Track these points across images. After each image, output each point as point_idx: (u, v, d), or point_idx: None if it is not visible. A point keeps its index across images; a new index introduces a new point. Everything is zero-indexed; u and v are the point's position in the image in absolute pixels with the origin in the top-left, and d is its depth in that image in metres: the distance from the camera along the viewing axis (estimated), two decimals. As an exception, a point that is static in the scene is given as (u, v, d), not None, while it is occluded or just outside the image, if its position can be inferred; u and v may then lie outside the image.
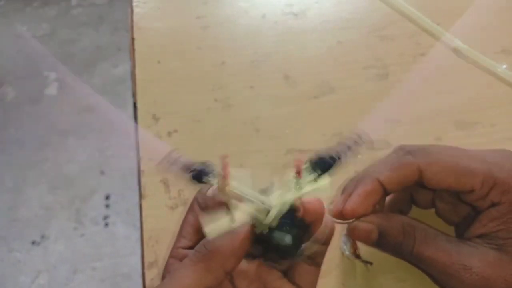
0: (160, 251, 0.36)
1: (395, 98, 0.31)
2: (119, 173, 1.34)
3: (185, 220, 0.29)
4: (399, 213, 0.32)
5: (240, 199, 0.26)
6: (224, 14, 0.48)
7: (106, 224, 1.27)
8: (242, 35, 0.47)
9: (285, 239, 0.25)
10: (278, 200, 0.26)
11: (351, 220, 0.28)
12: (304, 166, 0.27)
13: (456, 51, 0.45)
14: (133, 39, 0.46)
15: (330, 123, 0.41)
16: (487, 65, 0.44)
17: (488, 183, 0.27)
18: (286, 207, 0.26)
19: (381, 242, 0.28)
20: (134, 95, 0.43)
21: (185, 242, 0.28)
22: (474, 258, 0.26)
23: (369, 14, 0.48)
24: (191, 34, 0.47)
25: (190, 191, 0.38)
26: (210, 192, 0.27)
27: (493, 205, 0.27)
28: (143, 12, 0.48)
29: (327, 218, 0.27)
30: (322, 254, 0.29)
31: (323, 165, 0.27)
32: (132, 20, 0.47)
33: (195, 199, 0.29)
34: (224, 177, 0.25)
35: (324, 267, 0.29)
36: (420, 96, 0.43)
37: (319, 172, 0.27)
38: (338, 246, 0.35)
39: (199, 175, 0.27)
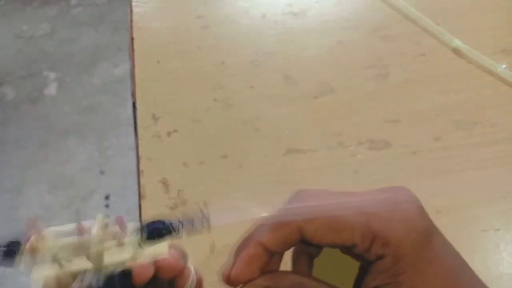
0: (159, 251, 0.36)
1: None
2: (119, 173, 1.34)
3: None
4: (309, 257, 0.31)
5: (54, 263, 0.25)
6: (224, 13, 0.48)
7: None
8: (242, 35, 0.47)
9: None
10: (106, 259, 0.25)
11: (240, 286, 0.27)
12: (133, 228, 0.26)
13: (456, 51, 0.45)
14: (132, 38, 0.46)
15: (330, 123, 0.41)
16: (487, 65, 0.43)
17: (368, 237, 0.25)
18: (105, 271, 0.25)
19: None
20: (133, 95, 0.43)
21: None
22: None
23: (369, 14, 0.48)
24: (191, 34, 0.47)
25: (189, 191, 0.38)
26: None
27: (379, 258, 0.26)
28: (142, 12, 0.48)
29: (190, 270, 0.27)
30: None
31: (151, 232, 0.26)
32: (131, 20, 0.47)
33: None
34: (31, 247, 0.24)
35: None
36: (420, 96, 0.43)
37: (146, 237, 0.26)
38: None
39: (9, 255, 0.24)
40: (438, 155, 0.39)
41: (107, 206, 1.30)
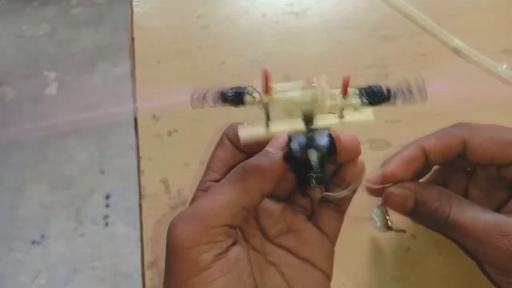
0: (160, 251, 0.36)
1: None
2: (119, 173, 1.34)
3: (214, 154, 0.29)
4: (462, 176, 0.32)
5: (284, 117, 0.26)
6: (224, 13, 0.48)
7: (106, 224, 1.28)
8: (242, 35, 0.47)
9: (315, 156, 0.25)
10: (317, 122, 0.25)
11: (388, 185, 0.28)
12: (352, 90, 0.26)
13: (456, 51, 0.45)
14: (133, 38, 0.46)
15: (330, 123, 0.41)
16: (487, 65, 0.43)
17: None
18: (323, 130, 0.25)
19: (416, 210, 0.28)
20: (134, 95, 0.43)
21: (214, 176, 0.28)
22: None
23: (369, 14, 0.48)
24: (191, 34, 0.47)
25: (190, 190, 0.38)
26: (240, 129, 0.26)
27: None
28: (143, 12, 0.48)
29: (360, 162, 0.27)
30: (347, 201, 0.29)
31: (372, 95, 0.26)
32: (132, 20, 0.47)
33: (225, 134, 0.29)
34: (266, 88, 0.24)
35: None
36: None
37: (366, 100, 0.25)
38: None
39: (238, 97, 0.25)
40: (438, 155, 0.39)
41: (107, 205, 1.30)
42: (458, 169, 0.30)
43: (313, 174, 0.26)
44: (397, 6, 0.47)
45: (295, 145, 0.25)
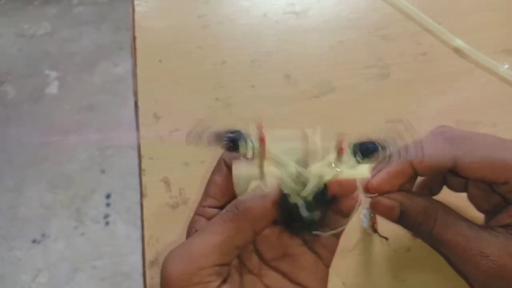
0: (161, 250, 0.36)
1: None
2: (120, 172, 1.34)
3: (211, 180, 0.30)
4: (429, 193, 0.32)
5: (277, 165, 0.26)
6: (225, 13, 0.48)
7: (107, 223, 1.28)
8: (243, 34, 0.47)
9: (314, 214, 0.25)
10: (316, 175, 0.26)
11: (375, 195, 0.29)
12: (346, 147, 0.26)
13: (457, 50, 0.45)
14: (134, 38, 0.46)
15: (331, 122, 0.41)
16: (488, 64, 0.43)
17: None
18: (322, 184, 0.26)
19: (402, 220, 0.28)
20: (135, 94, 0.43)
21: (211, 201, 0.29)
22: (494, 247, 0.26)
23: (370, 14, 0.48)
24: (192, 33, 0.47)
25: (191, 190, 0.38)
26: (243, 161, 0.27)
27: None
28: (144, 11, 0.48)
29: (355, 195, 0.28)
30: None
31: (365, 151, 0.26)
32: (133, 19, 0.47)
33: (222, 159, 0.29)
34: (261, 142, 0.25)
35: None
36: (421, 95, 0.43)
37: (360, 158, 0.26)
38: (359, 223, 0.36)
39: (233, 143, 0.26)
40: (439, 154, 0.39)
41: (108, 205, 1.30)
42: None
43: (301, 224, 0.27)
44: (398, 6, 0.47)
45: (286, 195, 0.26)
